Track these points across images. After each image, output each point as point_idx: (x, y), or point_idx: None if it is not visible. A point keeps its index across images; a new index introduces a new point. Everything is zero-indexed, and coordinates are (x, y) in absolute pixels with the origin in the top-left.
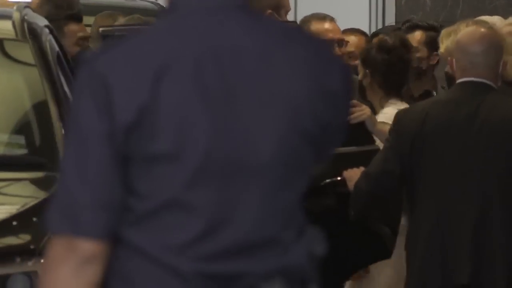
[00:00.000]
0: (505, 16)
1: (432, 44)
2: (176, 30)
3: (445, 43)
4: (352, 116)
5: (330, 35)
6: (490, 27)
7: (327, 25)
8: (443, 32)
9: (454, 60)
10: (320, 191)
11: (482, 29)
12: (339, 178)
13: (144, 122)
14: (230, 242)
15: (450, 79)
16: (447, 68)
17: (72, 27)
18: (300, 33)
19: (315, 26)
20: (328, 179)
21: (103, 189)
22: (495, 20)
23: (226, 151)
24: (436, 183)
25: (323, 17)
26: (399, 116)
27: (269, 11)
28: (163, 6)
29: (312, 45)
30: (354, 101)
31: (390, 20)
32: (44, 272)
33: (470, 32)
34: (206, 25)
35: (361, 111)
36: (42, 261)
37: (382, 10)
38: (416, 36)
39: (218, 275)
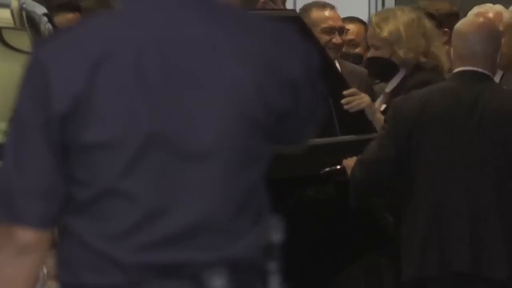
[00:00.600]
0: (506, 4)
1: None
2: (123, 19)
3: (386, 29)
4: (352, 104)
5: (331, 23)
6: (485, 15)
7: (327, 13)
8: (378, 17)
9: (452, 48)
10: (319, 180)
11: (481, 19)
12: (338, 167)
13: (79, 111)
14: (171, 230)
15: (374, 63)
16: (373, 53)
17: (61, 17)
18: (260, 22)
19: (316, 14)
20: (327, 168)
21: (40, 178)
22: (498, 8)
23: (166, 137)
24: (434, 170)
25: (323, 5)
26: (397, 103)
27: None
28: None
29: (271, 34)
30: (354, 90)
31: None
32: None
33: (469, 21)
34: (155, 14)
35: (360, 99)
36: None
37: None
38: None
39: (157, 265)
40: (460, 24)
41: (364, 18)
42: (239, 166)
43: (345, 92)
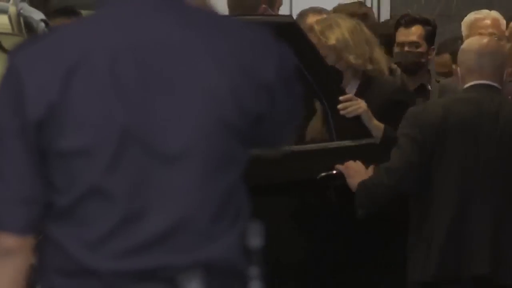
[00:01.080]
0: (500, 10)
1: (429, 39)
2: (98, 24)
3: (332, 36)
4: (348, 110)
5: None
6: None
7: None
8: (320, 26)
9: (459, 65)
10: (316, 185)
11: (486, 38)
12: (335, 172)
13: (54, 118)
14: (148, 235)
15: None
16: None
17: (58, 22)
18: (237, 27)
19: (312, 20)
20: (323, 172)
21: (20, 184)
22: (495, 15)
23: (142, 141)
24: (458, 175)
25: (319, 11)
26: (415, 112)
27: (263, 6)
28: None
29: (247, 38)
30: (350, 95)
31: (385, 14)
32: None
33: (476, 39)
34: (130, 19)
35: (357, 105)
36: None
37: (377, 4)
38: (416, 31)
39: (134, 271)
40: (468, 41)
41: None
42: (216, 169)
43: (341, 98)
